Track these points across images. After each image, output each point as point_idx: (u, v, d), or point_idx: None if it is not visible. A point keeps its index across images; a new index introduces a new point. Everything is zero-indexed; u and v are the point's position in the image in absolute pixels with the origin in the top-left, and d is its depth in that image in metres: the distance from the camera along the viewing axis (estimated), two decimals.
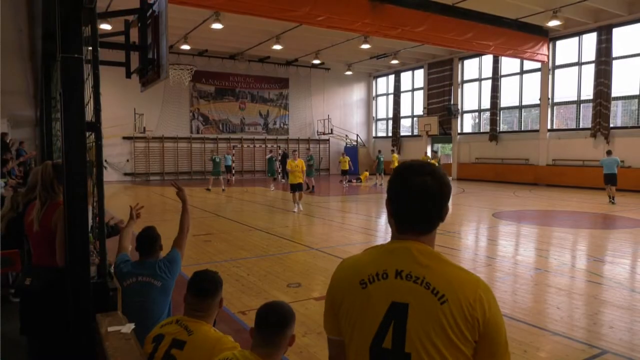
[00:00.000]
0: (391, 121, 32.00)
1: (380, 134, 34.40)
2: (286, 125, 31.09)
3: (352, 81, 33.10)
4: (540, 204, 15.54)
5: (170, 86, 24.28)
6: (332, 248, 8.25)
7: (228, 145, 28.35)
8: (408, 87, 31.14)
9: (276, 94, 30.64)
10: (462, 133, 27.32)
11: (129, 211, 3.94)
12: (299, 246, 8.58)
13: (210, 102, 28.41)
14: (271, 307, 2.05)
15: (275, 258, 7.60)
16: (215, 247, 8.50)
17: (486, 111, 26.08)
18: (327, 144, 32.32)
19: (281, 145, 29.65)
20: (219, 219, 12.07)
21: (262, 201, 16.07)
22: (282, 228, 10.58)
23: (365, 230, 10.42)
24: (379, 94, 34.08)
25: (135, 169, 26.22)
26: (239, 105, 29.37)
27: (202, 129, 28.26)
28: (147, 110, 25.35)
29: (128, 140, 26.00)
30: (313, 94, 31.67)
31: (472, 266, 7.17)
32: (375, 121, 34.32)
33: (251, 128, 29.88)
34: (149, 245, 3.31)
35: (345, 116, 33.16)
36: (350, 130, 32.72)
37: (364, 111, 34.15)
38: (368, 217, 12.59)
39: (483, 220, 11.87)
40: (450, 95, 27.51)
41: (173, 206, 15.14)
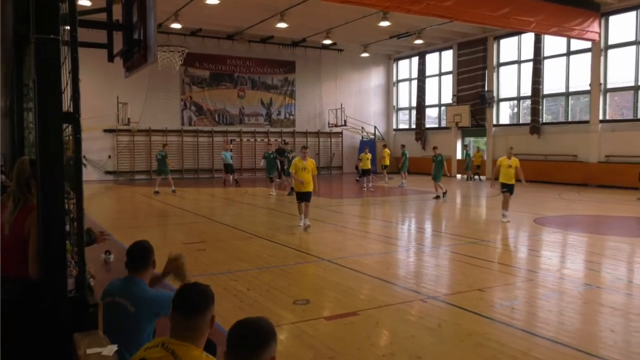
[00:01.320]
0: (414, 111, 31.91)
1: (402, 126, 34.28)
2: (292, 115, 31.14)
3: (369, 64, 33.06)
4: (591, 208, 15.37)
5: (159, 71, 24.42)
6: (346, 259, 8.24)
7: (224, 139, 28.44)
8: (434, 71, 31.01)
9: (280, 80, 30.70)
10: (498, 125, 27.14)
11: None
12: (307, 257, 8.58)
13: (204, 90, 28.57)
14: (247, 325, 2.00)
15: (280, 270, 7.60)
16: (210, 257, 8.53)
17: (526, 99, 25.87)
18: (339, 137, 32.31)
19: (287, 138, 29.69)
20: (214, 225, 12.12)
21: (264, 204, 16.10)
22: (287, 236, 10.60)
23: (384, 238, 10.40)
24: (400, 79, 33.98)
25: (118, 166, 26.46)
26: (237, 93, 29.50)
27: (195, 120, 28.43)
28: (131, 99, 25.56)
29: (110, 133, 26.24)
30: (323, 80, 31.68)
31: (510, 281, 7.11)
32: (396, 111, 34.24)
33: (252, 119, 29.99)
34: (138, 260, 3.32)
35: (361, 105, 33.12)
36: (366, 121, 32.69)
37: (383, 99, 34.08)
38: (387, 223, 12.56)
39: (523, 228, 11.77)
40: (483, 81, 27.34)
41: (160, 210, 15.25)
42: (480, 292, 6.43)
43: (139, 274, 3.30)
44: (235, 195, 18.62)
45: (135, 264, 3.31)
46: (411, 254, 9.12)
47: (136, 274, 3.30)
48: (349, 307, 5.88)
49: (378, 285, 6.87)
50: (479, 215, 15.00)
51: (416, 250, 9.35)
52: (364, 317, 5.50)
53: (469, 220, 13.80)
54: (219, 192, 20.32)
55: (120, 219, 13.51)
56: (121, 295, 3.16)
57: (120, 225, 12.11)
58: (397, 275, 7.48)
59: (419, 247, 9.63)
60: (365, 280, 7.11)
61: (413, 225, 12.79)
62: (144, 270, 3.32)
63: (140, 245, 3.38)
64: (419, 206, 15.66)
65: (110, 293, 3.22)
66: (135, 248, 3.37)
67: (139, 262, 3.31)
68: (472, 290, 6.49)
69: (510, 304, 6.02)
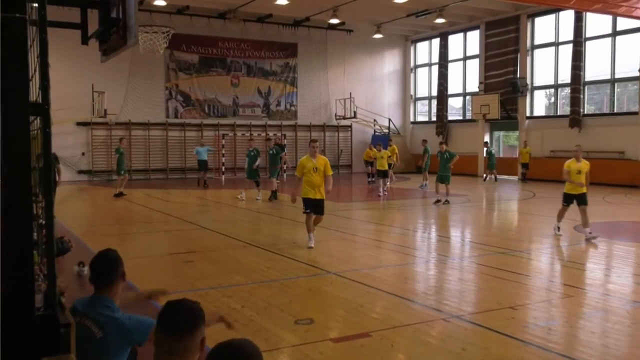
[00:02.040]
0: (435, 101, 31.88)
1: (421, 118, 34.25)
2: (294, 106, 31.18)
3: (382, 47, 33.06)
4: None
5: (140, 55, 24.43)
6: (356, 272, 8.24)
7: (216, 134, 28.50)
8: (458, 54, 30.98)
9: (280, 65, 30.76)
10: (532, 117, 27.06)
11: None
12: (310, 269, 8.58)
13: (192, 76, 28.66)
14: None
15: (280, 285, 7.61)
16: (198, 269, 8.55)
17: (565, 87, 25.78)
18: (348, 131, 32.33)
19: (287, 133, 29.74)
20: (204, 232, 12.14)
21: (261, 208, 16.12)
22: (288, 245, 10.60)
23: (400, 248, 10.39)
24: (418, 64, 33.96)
25: (92, 164, 26.57)
26: (230, 80, 29.57)
27: (181, 111, 28.52)
28: (109, 87, 25.66)
29: (84, 126, 26.36)
30: (330, 65, 31.71)
31: (546, 297, 7.08)
32: (413, 101, 34.22)
33: (247, 110, 30.07)
34: (104, 274, 3.26)
35: (374, 94, 33.13)
36: (379, 113, 32.69)
37: (399, 88, 34.07)
38: (404, 231, 12.54)
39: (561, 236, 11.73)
40: (515, 66, 27.27)
41: (142, 215, 15.30)
42: (512, 311, 6.41)
43: (107, 292, 3.24)
44: (229, 199, 18.65)
45: (101, 280, 3.24)
46: (431, 266, 9.10)
47: (103, 291, 3.25)
48: (360, 327, 5.87)
49: (393, 302, 6.85)
50: (509, 222, 14.95)
51: (437, 262, 9.32)
52: (376, 339, 5.49)
53: (498, 227, 13.75)
54: (210, 195, 20.36)
55: (96, 225, 13.56)
56: (87, 317, 3.15)
57: (96, 232, 12.15)
58: (415, 290, 7.46)
59: (441, 258, 9.61)
60: (378, 296, 7.09)
61: (433, 233, 12.75)
62: (111, 285, 3.27)
63: (104, 257, 3.32)
64: (441, 211, 15.63)
65: (77, 312, 3.21)
66: (99, 260, 3.30)
67: (106, 277, 3.25)
68: (502, 309, 6.47)
69: (546, 324, 5.99)
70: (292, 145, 30.29)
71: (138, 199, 19.26)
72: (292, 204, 10.97)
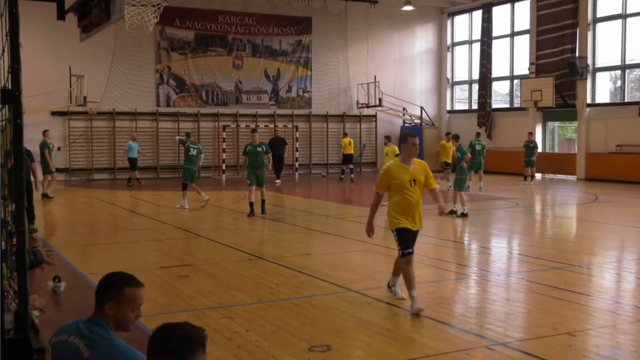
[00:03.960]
0: (476, 85, 31.70)
1: (459, 107, 34.04)
2: (307, 92, 31.22)
3: (413, 22, 32.98)
4: None
5: (126, 32, 24.61)
6: (381, 290, 8.22)
7: (215, 126, 28.58)
8: (504, 30, 30.78)
9: (292, 44, 30.80)
10: (594, 104, 26.80)
11: None
12: (327, 286, 8.58)
13: (187, 57, 28.81)
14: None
15: (290, 305, 7.62)
16: (195, 285, 8.59)
17: (634, 68, 25.47)
18: (372, 122, 32.29)
19: (299, 124, 29.72)
20: (201, 242, 12.18)
21: (267, 214, 16.15)
22: (300, 257, 10.60)
23: (435, 261, 10.35)
24: (457, 41, 33.78)
25: (70, 161, 26.80)
26: (232, 62, 29.67)
27: (174, 99, 28.68)
28: (89, 70, 25.87)
29: (60, 117, 26.60)
30: (350, 44, 31.69)
31: (611, 322, 7.02)
32: (450, 86, 34.06)
33: (252, 97, 30.16)
34: (102, 293, 3.37)
35: (403, 78, 33.04)
36: (410, 100, 32.61)
37: (433, 70, 33.94)
38: (440, 241, 12.49)
39: (629, 247, 11.60)
40: (574, 43, 27.00)
41: (129, 221, 15.40)
42: (569, 337, 6.36)
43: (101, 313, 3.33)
44: (230, 202, 18.73)
45: (98, 298, 3.34)
46: (472, 283, 9.06)
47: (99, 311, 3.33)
48: (386, 356, 5.85)
49: (426, 326, 6.83)
50: (566, 230, 14.82)
51: (479, 279, 9.28)
52: None
53: (553, 236, 13.64)
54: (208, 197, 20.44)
55: (75, 233, 13.68)
56: (78, 335, 3.20)
57: (74, 242, 12.25)
58: (452, 312, 7.43)
59: (483, 274, 9.56)
60: (407, 318, 7.08)
61: (475, 244, 12.68)
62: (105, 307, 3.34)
63: (109, 279, 3.38)
64: (484, 217, 15.54)
65: (65, 331, 3.26)
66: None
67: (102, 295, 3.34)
68: (557, 335, 6.42)
69: (611, 353, 5.94)
70: (305, 140, 30.29)
71: (123, 203, 19.41)
72: (367, 236, 8.10)
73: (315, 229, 13.84)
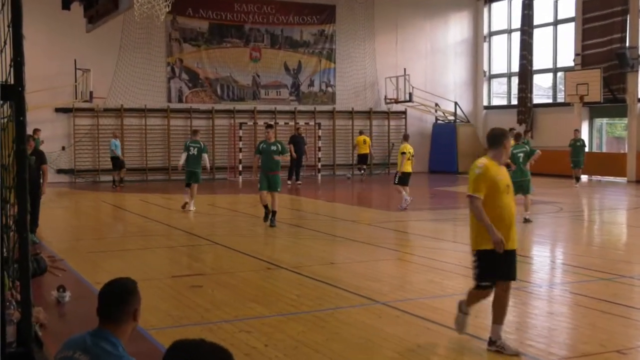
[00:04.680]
0: (516, 79, 31.47)
1: (497, 102, 33.81)
2: (331, 87, 31.22)
3: (446, 9, 32.90)
4: None
5: (136, 23, 24.84)
6: (412, 302, 8.19)
7: (230, 124, 28.66)
8: (547, 18, 30.56)
9: (314, 34, 30.82)
10: None
11: None
12: (353, 298, 8.56)
13: (200, 49, 28.96)
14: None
15: (313, 318, 7.61)
16: (210, 297, 8.62)
17: None
18: (401, 119, 32.22)
19: (322, 121, 29.71)
20: (216, 249, 12.22)
21: (287, 218, 16.16)
22: (324, 266, 10.60)
23: (470, 270, 10.22)
24: (494, 31, 33.58)
25: (75, 162, 27.07)
26: (249, 54, 29.77)
27: (187, 94, 28.84)
28: (96, 64, 26.12)
29: (64, 113, 26.88)
30: (378, 34, 31.65)
31: None
32: (487, 79, 33.86)
33: (271, 92, 30.22)
34: (112, 305, 3.33)
35: (435, 71, 32.92)
36: (443, 95, 32.48)
37: (468, 62, 33.76)
38: None
39: None
40: (624, 32, 26.71)
41: (139, 226, 15.50)
42: (619, 356, 6.30)
43: (115, 328, 3.31)
44: (246, 207, 18.77)
45: (108, 314, 3.32)
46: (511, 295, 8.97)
47: (110, 326, 3.31)
48: None
49: (460, 342, 6.80)
50: (616, 238, 14.65)
51: (518, 291, 9.17)
52: None
53: (601, 244, 13.48)
54: (221, 201, 20.55)
55: (80, 239, 13.80)
56: (84, 351, 3.21)
57: (80, 248, 12.37)
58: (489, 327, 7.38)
59: (523, 285, 9.46)
60: (441, 334, 7.05)
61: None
62: (119, 323, 3.32)
63: (117, 286, 3.39)
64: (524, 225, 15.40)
65: (71, 346, 3.27)
66: (109, 288, 3.38)
67: (114, 311, 3.30)
68: (606, 352, 6.36)
69: None
70: (328, 138, 30.28)
71: (132, 206, 19.53)
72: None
73: (340, 236, 13.81)
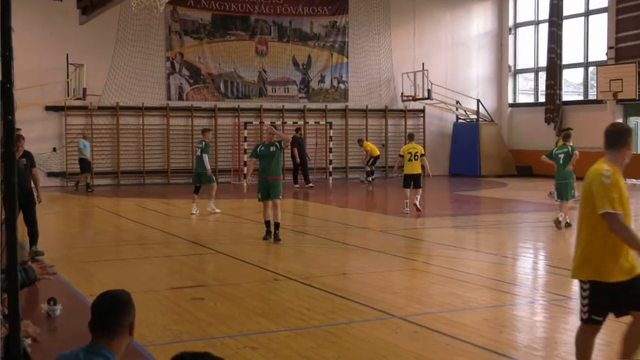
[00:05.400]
0: (544, 74, 31.37)
1: (524, 99, 33.73)
2: (343, 83, 31.21)
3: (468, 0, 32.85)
4: None
5: (132, 14, 24.94)
6: (431, 316, 8.18)
7: (234, 123, 28.70)
8: (578, 8, 30.50)
9: (325, 26, 30.84)
10: None
11: None
12: (367, 311, 8.55)
13: (203, 42, 29.03)
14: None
15: (324, 333, 7.60)
16: (212, 310, 8.62)
17: None
18: (419, 117, 32.21)
19: (333, 120, 29.70)
20: (219, 259, 12.24)
21: (295, 225, 16.15)
22: (335, 277, 10.58)
23: (494, 282, 10.27)
24: (520, 22, 33.51)
25: (67, 164, 27.14)
26: (255, 47, 29.82)
27: (188, 91, 28.91)
28: (89, 59, 26.17)
29: (55, 112, 27.00)
30: (394, 25, 31.66)
31: None
32: (513, 75, 33.78)
33: (278, 89, 30.25)
34: (105, 318, 3.37)
35: (456, 66, 32.90)
36: (464, 92, 32.44)
37: (492, 56, 33.71)
38: (500, 258, 12.41)
39: None
40: None
41: (135, 234, 15.54)
42: None
43: (109, 342, 3.34)
44: (250, 212, 18.78)
45: (101, 327, 3.34)
46: (539, 309, 8.96)
47: (104, 340, 3.34)
48: None
49: (484, 359, 6.79)
50: None
51: (548, 304, 9.16)
52: None
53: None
54: (224, 206, 20.56)
55: (72, 248, 13.85)
56: None
57: (72, 258, 12.40)
58: (516, 343, 7.35)
59: (553, 298, 9.44)
60: (462, 350, 7.03)
61: (542, 261, 12.54)
62: (114, 336, 3.34)
63: (110, 298, 3.43)
64: (554, 229, 15.36)
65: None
66: (102, 300, 3.41)
67: (108, 324, 3.34)
68: None
69: None
70: (340, 138, 30.27)
71: (128, 212, 19.58)
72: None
73: (352, 244, 13.80)
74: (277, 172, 14.00)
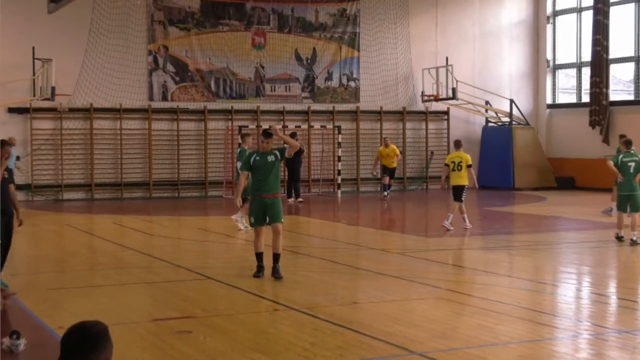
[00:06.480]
0: (588, 70, 31.37)
1: (564, 99, 33.75)
2: (354, 80, 31.23)
3: None
4: None
5: (109, 2, 25.01)
6: (457, 353, 8.16)
7: (227, 127, 28.67)
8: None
9: (333, 14, 30.91)
10: None
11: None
12: (383, 347, 8.53)
13: (190, 34, 29.10)
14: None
15: None
16: (202, 345, 8.62)
17: None
18: (443, 120, 32.27)
19: (342, 124, 29.70)
20: (209, 285, 12.24)
21: (295, 246, 16.13)
22: (345, 306, 10.58)
23: (531, 313, 10.25)
24: (560, 10, 33.56)
25: (32, 175, 27.20)
26: (252, 39, 29.87)
27: (173, 90, 28.97)
28: (59, 53, 26.29)
29: (19, 114, 27.10)
30: (412, 14, 31.74)
31: None
32: (551, 71, 33.79)
33: (278, 87, 30.30)
34: (77, 355, 3.38)
35: (486, 61, 32.96)
36: (495, 91, 32.46)
37: (527, 49, 33.76)
38: (537, 285, 12.39)
39: None
40: None
41: (112, 257, 15.56)
42: None
43: None
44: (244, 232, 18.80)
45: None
46: (583, 344, 8.94)
47: None
48: None
49: None
50: None
51: (594, 338, 9.14)
52: None
53: None
54: (215, 225, 20.61)
55: (39, 272, 13.86)
56: None
57: (38, 284, 12.41)
58: None
59: (600, 331, 9.43)
60: None
61: (586, 289, 12.51)
62: None
63: (84, 330, 3.43)
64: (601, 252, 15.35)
65: None
66: (75, 334, 3.42)
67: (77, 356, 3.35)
68: None
69: None
70: (350, 145, 30.28)
71: (104, 231, 19.60)
72: None
73: (365, 268, 13.79)
74: (276, 188, 12.82)
